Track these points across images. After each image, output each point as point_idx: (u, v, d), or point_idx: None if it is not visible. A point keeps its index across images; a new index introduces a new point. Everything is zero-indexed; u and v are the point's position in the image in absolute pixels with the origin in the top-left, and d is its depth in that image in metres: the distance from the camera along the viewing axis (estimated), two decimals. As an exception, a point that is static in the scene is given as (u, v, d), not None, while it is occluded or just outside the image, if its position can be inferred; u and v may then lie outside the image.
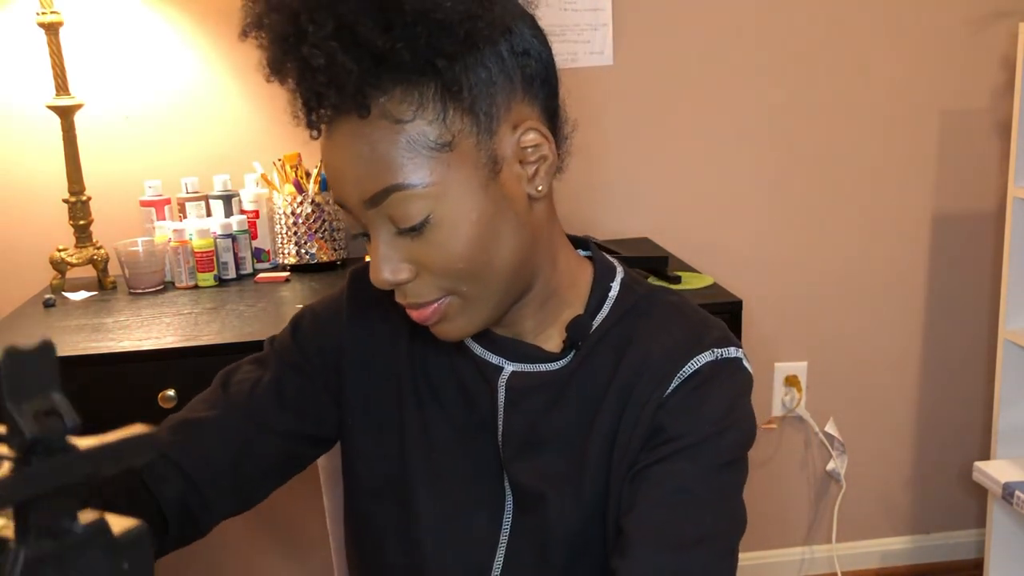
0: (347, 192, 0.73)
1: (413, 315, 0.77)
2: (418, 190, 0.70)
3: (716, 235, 2.16)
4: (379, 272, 0.74)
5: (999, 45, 2.15)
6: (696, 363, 0.78)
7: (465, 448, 0.85)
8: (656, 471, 0.77)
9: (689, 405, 0.78)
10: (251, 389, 0.88)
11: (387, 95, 0.69)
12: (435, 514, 0.84)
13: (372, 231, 0.74)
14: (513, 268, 0.76)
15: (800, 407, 2.26)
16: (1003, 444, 2.06)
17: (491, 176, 0.73)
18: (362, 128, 0.70)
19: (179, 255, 1.83)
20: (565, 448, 0.81)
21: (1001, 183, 2.20)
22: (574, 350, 0.82)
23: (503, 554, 0.83)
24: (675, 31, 2.06)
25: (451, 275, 0.73)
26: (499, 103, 0.72)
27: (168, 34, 1.94)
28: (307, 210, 1.88)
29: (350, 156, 0.71)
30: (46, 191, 1.95)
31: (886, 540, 2.40)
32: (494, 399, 0.83)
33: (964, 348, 2.31)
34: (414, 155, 0.70)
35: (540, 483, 0.81)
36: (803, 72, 2.11)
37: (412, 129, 0.69)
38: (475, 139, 0.71)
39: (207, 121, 1.99)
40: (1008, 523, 2.09)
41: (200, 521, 0.87)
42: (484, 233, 0.73)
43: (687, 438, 0.77)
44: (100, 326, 1.61)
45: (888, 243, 2.23)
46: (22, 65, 1.91)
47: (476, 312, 0.76)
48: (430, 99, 0.69)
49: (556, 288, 0.82)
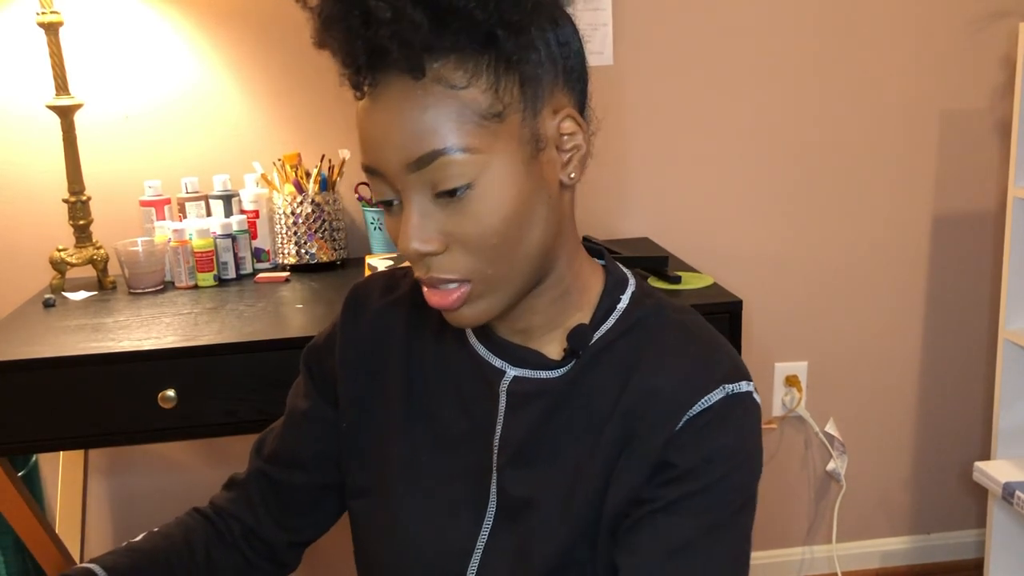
0: (388, 155, 0.71)
1: (433, 299, 0.75)
2: (466, 156, 0.70)
3: (716, 235, 2.16)
4: (409, 240, 0.72)
5: (999, 45, 2.15)
6: (707, 401, 0.77)
7: (454, 450, 0.85)
8: (663, 522, 0.76)
9: (699, 443, 0.76)
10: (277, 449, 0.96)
11: (442, 61, 0.69)
12: (415, 514, 0.84)
13: (406, 198, 0.72)
14: (539, 253, 0.76)
15: (800, 407, 2.26)
16: (1003, 444, 2.06)
17: (532, 155, 0.73)
18: (414, 90, 0.69)
19: (179, 255, 1.83)
20: (560, 461, 0.80)
21: (1001, 183, 2.20)
22: (574, 359, 0.81)
23: (479, 559, 0.82)
24: (675, 31, 2.06)
25: (482, 250, 0.73)
26: (544, 85, 0.73)
27: (168, 34, 1.94)
28: (307, 210, 1.88)
29: (398, 118, 0.70)
30: (46, 191, 1.95)
31: (886, 540, 2.40)
32: (494, 403, 0.83)
33: (964, 348, 2.31)
34: (464, 121, 0.70)
35: (529, 493, 0.81)
36: (803, 72, 2.11)
37: (465, 95, 0.69)
38: (521, 115, 0.72)
39: (207, 121, 1.99)
40: (1008, 523, 2.09)
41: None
42: (521, 210, 0.73)
43: (697, 481, 0.76)
44: (100, 326, 1.61)
45: (888, 243, 2.23)
46: (22, 65, 1.91)
47: (496, 297, 0.75)
48: (484, 69, 0.70)
49: (569, 287, 0.82)
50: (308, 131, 2.00)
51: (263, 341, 1.51)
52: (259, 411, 1.52)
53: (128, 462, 2.13)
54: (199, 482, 2.16)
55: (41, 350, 1.50)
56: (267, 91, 1.99)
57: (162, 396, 1.48)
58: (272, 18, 1.96)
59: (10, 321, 1.67)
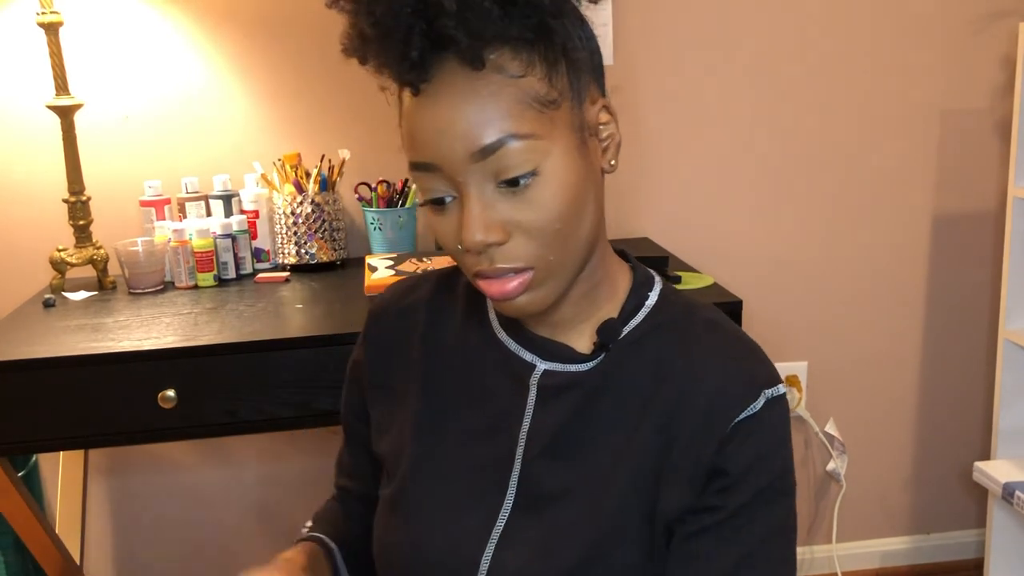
0: (451, 147, 0.72)
1: (493, 289, 0.76)
2: (529, 143, 0.71)
3: (716, 235, 2.16)
4: (472, 231, 0.73)
5: (999, 45, 2.15)
6: (754, 408, 0.78)
7: (475, 444, 0.85)
8: (727, 530, 0.78)
9: (748, 449, 0.78)
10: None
11: (497, 52, 0.71)
12: (432, 505, 0.85)
13: (466, 191, 0.73)
14: (590, 239, 0.78)
15: (800, 407, 2.26)
16: (1003, 444, 2.06)
17: (583, 141, 0.76)
18: (475, 82, 0.70)
19: (179, 255, 1.83)
20: (592, 455, 0.81)
21: (1001, 183, 2.20)
22: (604, 353, 0.82)
23: (492, 550, 0.82)
24: (675, 31, 2.06)
25: (545, 237, 0.74)
26: (584, 76, 0.76)
27: (168, 34, 1.94)
28: (307, 210, 1.88)
29: (462, 108, 0.71)
30: (46, 191, 1.95)
31: (886, 540, 2.40)
32: (522, 396, 0.84)
33: (964, 348, 2.31)
34: (526, 108, 0.71)
35: (559, 485, 0.81)
36: (803, 72, 2.11)
37: (523, 84, 0.71)
38: (570, 103, 0.75)
39: (207, 121, 1.99)
40: (1008, 523, 2.09)
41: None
42: (579, 196, 0.75)
43: (751, 486, 0.78)
44: (100, 326, 1.61)
45: (888, 243, 2.23)
46: (22, 65, 1.91)
47: (555, 283, 0.77)
48: (537, 59, 0.72)
49: (600, 280, 0.83)
50: (308, 131, 2.00)
51: (263, 341, 1.51)
52: (259, 411, 1.52)
53: (128, 462, 2.13)
54: (199, 482, 2.16)
55: (41, 350, 1.50)
56: (267, 91, 1.99)
57: (162, 396, 1.48)
58: (273, 18, 1.96)
59: (10, 321, 1.67)
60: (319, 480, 2.18)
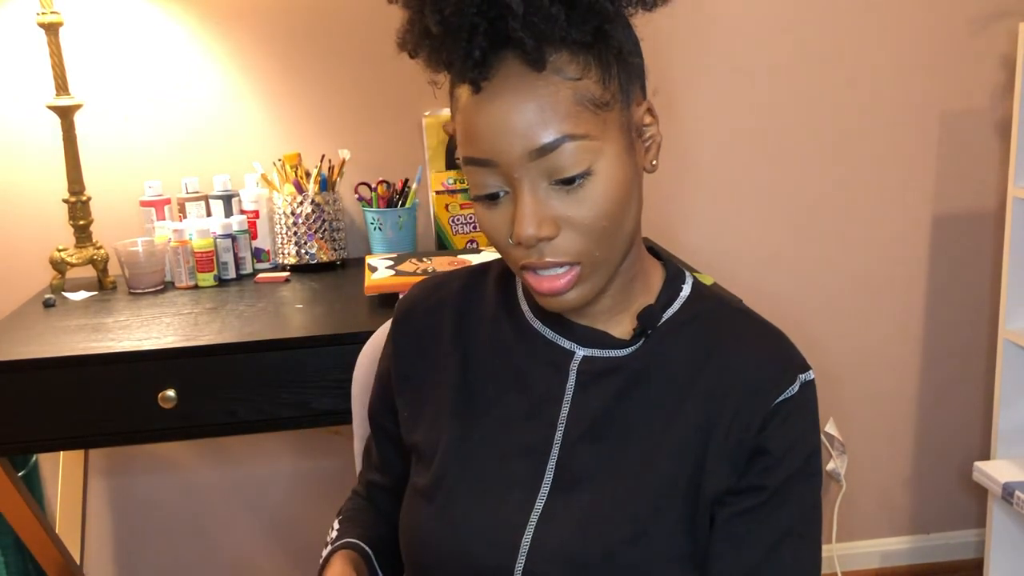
0: (510, 144, 0.74)
1: (543, 285, 0.79)
2: (585, 143, 0.75)
3: (716, 235, 2.16)
4: (525, 226, 0.75)
5: (999, 45, 2.15)
6: (791, 391, 0.82)
7: (511, 430, 0.87)
8: (765, 509, 0.82)
9: (787, 430, 0.82)
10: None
11: (556, 54, 0.74)
12: (468, 493, 0.86)
13: (521, 186, 0.76)
14: (632, 235, 0.82)
15: (800, 407, 2.26)
16: (1003, 444, 2.06)
17: (631, 142, 0.80)
18: (535, 82, 0.73)
19: (179, 255, 1.83)
20: (634, 437, 0.83)
21: (1001, 183, 2.20)
22: (643, 339, 0.85)
23: (532, 532, 0.83)
24: (675, 31, 2.06)
25: (594, 233, 0.77)
26: (632, 80, 0.80)
27: (168, 34, 1.94)
28: (307, 210, 1.88)
29: (520, 108, 0.73)
30: (46, 191, 1.95)
31: (886, 540, 2.40)
32: (560, 383, 0.86)
33: (964, 348, 2.31)
34: (582, 110, 0.74)
35: (600, 467, 0.83)
36: (803, 72, 2.11)
37: (580, 86, 0.74)
38: (620, 105, 0.78)
39: (207, 121, 1.99)
40: (1008, 523, 2.09)
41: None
42: (627, 194, 0.78)
43: (790, 465, 0.82)
44: (100, 326, 1.61)
45: (888, 243, 2.23)
46: (22, 65, 1.91)
47: (599, 277, 0.80)
48: (593, 62, 0.75)
49: (637, 273, 0.86)
50: (308, 131, 2.00)
51: (263, 341, 1.51)
52: (259, 411, 1.52)
53: (128, 462, 2.13)
54: (199, 482, 2.16)
55: (41, 350, 1.50)
56: (267, 91, 1.99)
57: (162, 396, 1.48)
58: (273, 18, 1.96)
59: (10, 321, 1.67)
60: (319, 480, 2.18)
